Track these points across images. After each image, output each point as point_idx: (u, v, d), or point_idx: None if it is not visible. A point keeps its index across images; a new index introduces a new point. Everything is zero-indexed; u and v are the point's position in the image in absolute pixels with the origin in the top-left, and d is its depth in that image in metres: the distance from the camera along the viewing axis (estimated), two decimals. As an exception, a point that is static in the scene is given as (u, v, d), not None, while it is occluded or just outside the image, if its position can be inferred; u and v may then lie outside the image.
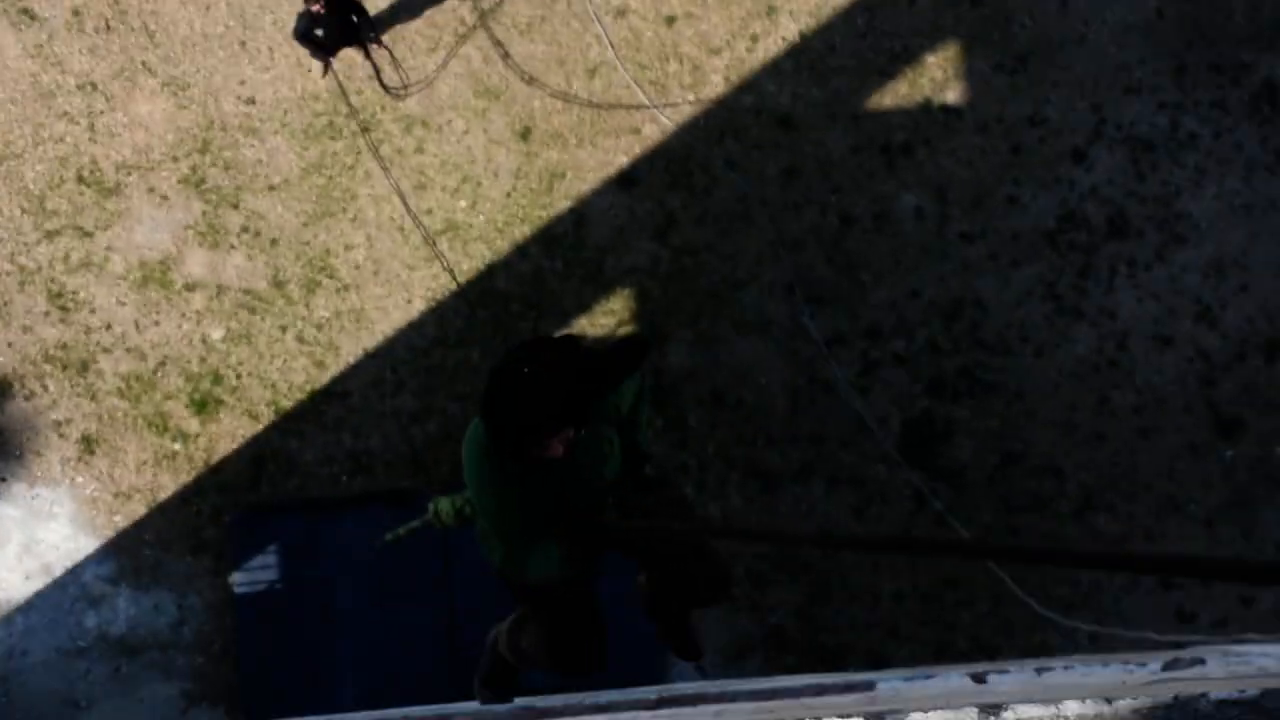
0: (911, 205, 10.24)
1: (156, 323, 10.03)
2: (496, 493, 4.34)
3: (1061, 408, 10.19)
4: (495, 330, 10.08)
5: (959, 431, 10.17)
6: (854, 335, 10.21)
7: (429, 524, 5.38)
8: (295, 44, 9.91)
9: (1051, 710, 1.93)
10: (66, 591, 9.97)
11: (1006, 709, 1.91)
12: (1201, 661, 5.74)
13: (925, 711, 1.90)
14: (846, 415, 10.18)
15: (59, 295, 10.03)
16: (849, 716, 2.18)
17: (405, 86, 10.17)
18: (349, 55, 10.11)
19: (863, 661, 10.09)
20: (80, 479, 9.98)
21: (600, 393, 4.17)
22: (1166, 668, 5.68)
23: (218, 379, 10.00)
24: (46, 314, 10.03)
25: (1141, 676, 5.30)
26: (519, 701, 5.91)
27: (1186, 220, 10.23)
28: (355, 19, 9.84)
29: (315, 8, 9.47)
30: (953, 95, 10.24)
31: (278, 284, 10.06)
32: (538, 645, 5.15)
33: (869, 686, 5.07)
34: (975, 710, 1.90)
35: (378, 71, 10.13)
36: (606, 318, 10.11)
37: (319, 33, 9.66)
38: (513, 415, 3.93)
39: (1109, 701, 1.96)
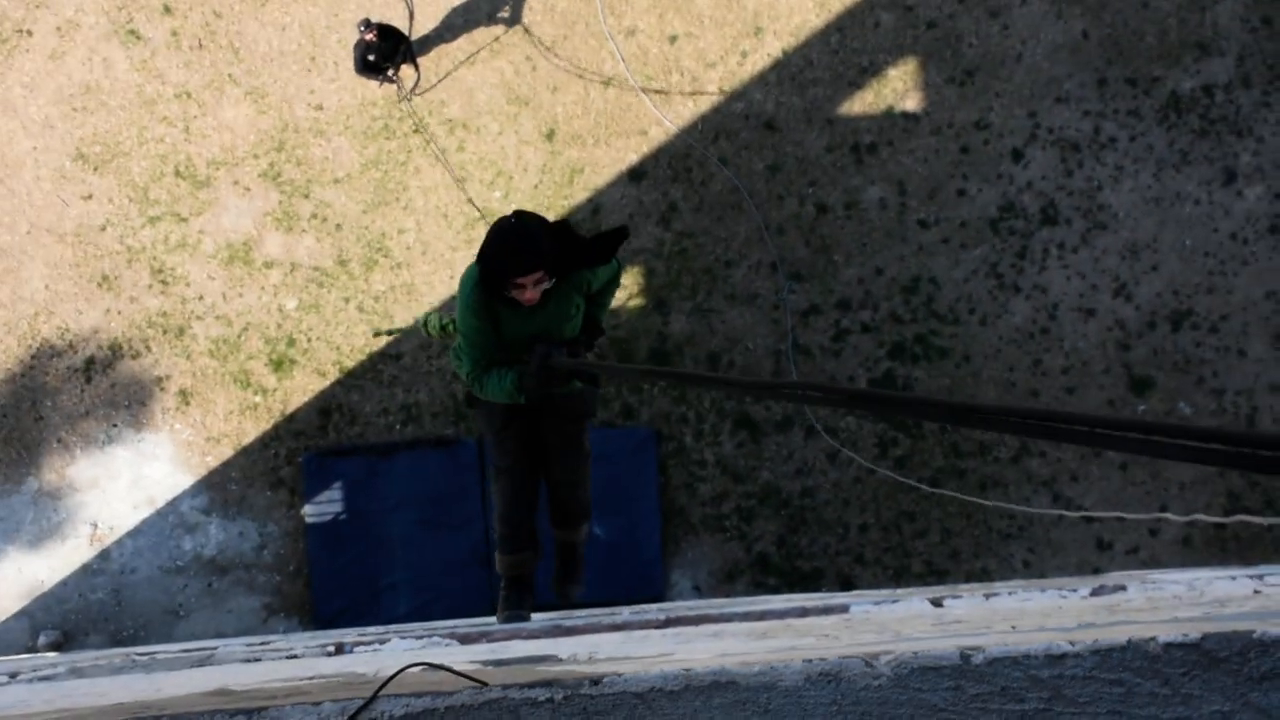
0: (877, 196, 10.12)
1: (240, 294, 9.94)
2: (477, 318, 4.49)
3: (1002, 368, 10.09)
4: (525, 302, 9.91)
5: (916, 389, 10.06)
6: (828, 306, 10.12)
7: (416, 330, 5.55)
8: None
9: (1023, 650, 1.86)
10: (167, 520, 9.93)
11: (985, 651, 1.84)
12: (1123, 588, 5.61)
13: (915, 653, 1.82)
14: (822, 374, 10.05)
15: (160, 271, 9.94)
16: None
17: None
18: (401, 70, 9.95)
19: (834, 583, 10.05)
20: (178, 426, 9.91)
21: (573, 256, 4.42)
22: (1094, 593, 5.54)
23: (292, 342, 9.92)
24: (150, 287, 9.95)
25: (1073, 600, 5.18)
26: (546, 617, 5.92)
27: (1107, 210, 10.13)
28: (399, 44, 9.71)
29: (369, 36, 9.40)
30: (911, 103, 10.11)
31: (342, 262, 9.96)
32: (495, 494, 5.22)
33: (844, 609, 4.98)
34: (958, 653, 1.83)
35: (416, 82, 9.98)
36: (620, 291, 9.96)
37: (371, 57, 9.55)
38: (498, 252, 4.21)
39: (1072, 644, 1.88)
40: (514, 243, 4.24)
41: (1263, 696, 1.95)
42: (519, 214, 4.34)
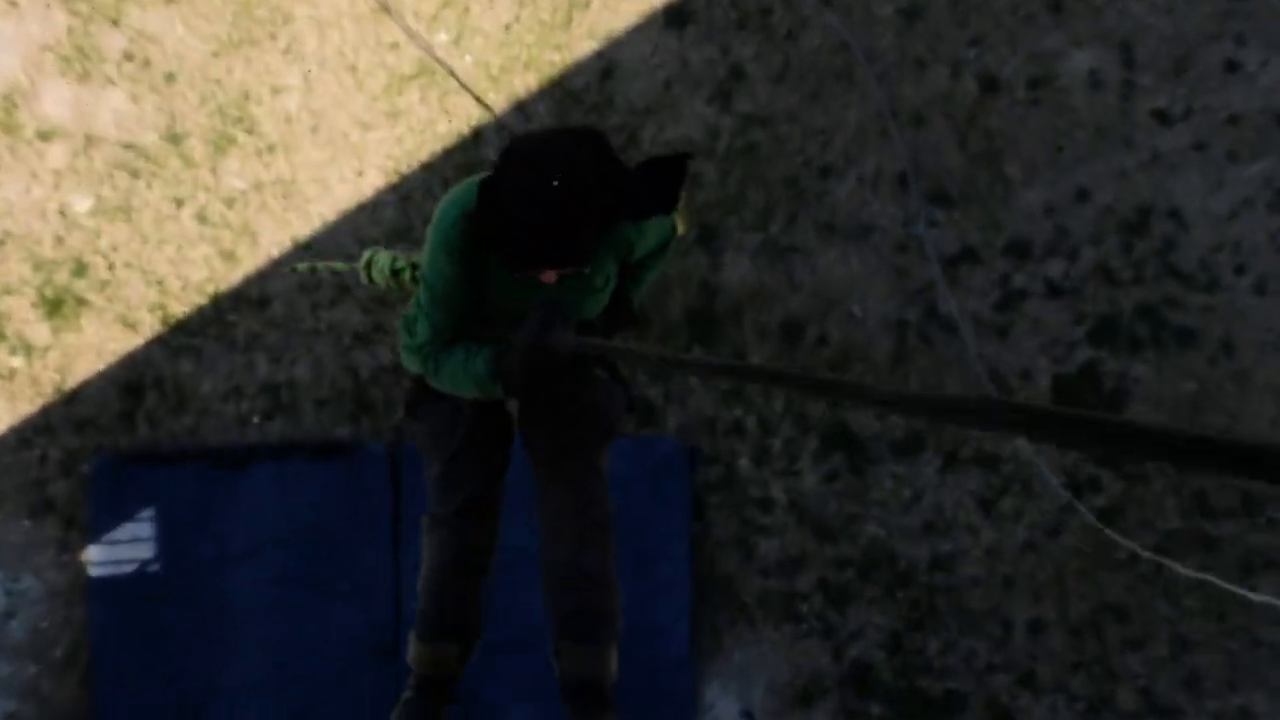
0: (1084, 68, 7.56)
1: (-5, 184, 7.28)
2: (454, 264, 4.00)
3: (1287, 368, 7.35)
4: (481, 220, 7.38)
5: (1137, 396, 7.50)
6: (991, 252, 7.56)
7: (354, 272, 4.98)
8: None
9: None
10: None
11: None
12: None
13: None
14: (979, 361, 7.39)
15: None
16: None
17: None
18: None
19: (983, 717, 7.35)
20: None
21: (618, 206, 3.81)
22: None
23: (81, 269, 7.49)
24: None
25: None
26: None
27: None
28: None
29: None
30: (1150, -87, 7.43)
31: (173, 138, 7.48)
32: (426, 550, 4.58)
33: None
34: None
35: None
36: None
37: None
38: (522, 231, 3.68)
39: None
40: (550, 224, 3.64)
41: None
42: (565, 156, 3.66)
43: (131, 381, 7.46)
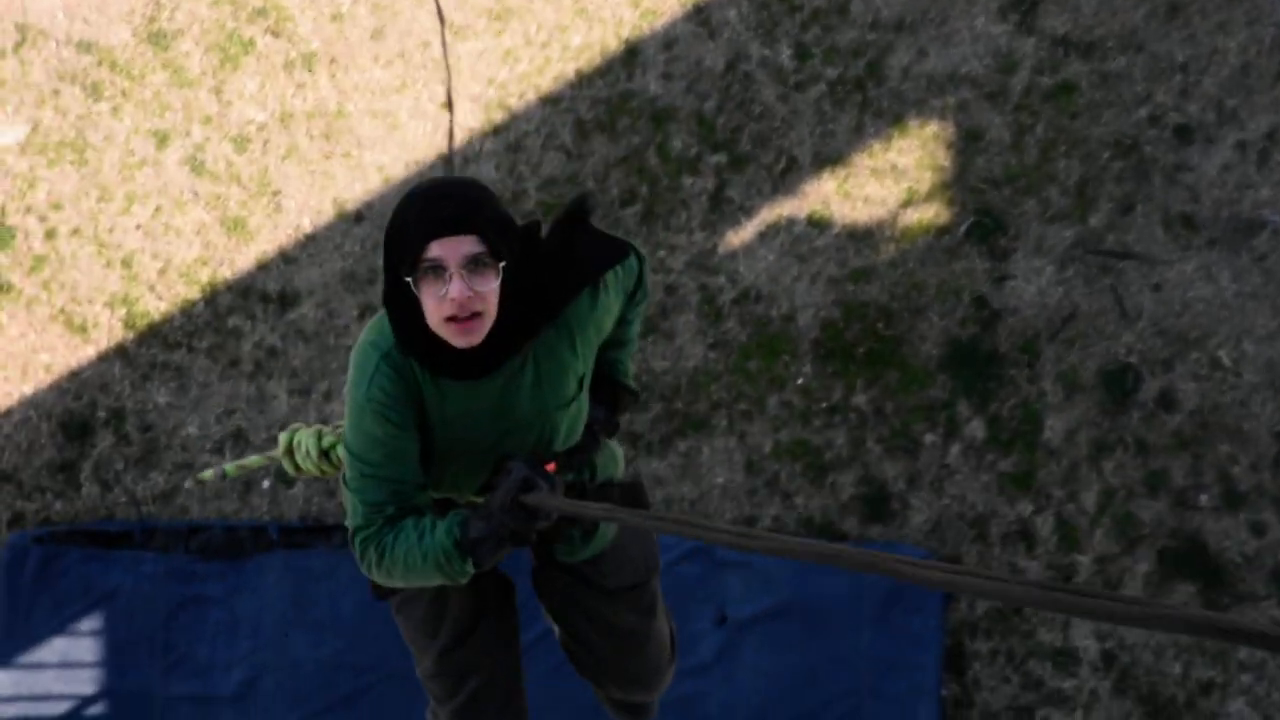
0: None
1: None
2: (383, 418, 3.48)
3: None
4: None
5: None
6: None
7: (274, 463, 4.12)
8: None
9: None
10: None
11: None
12: None
13: None
14: None
15: None
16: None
17: None
18: None
19: None
20: None
21: (557, 278, 3.48)
22: None
23: (2, 236, 5.68)
24: None
25: None
26: None
27: None
28: None
29: None
30: None
31: (155, 38, 5.66)
32: None
33: None
34: None
35: None
36: (882, 200, 5.68)
37: None
38: (401, 212, 3.28)
39: None
40: (428, 192, 3.28)
41: None
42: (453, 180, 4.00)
43: (74, 416, 5.82)
